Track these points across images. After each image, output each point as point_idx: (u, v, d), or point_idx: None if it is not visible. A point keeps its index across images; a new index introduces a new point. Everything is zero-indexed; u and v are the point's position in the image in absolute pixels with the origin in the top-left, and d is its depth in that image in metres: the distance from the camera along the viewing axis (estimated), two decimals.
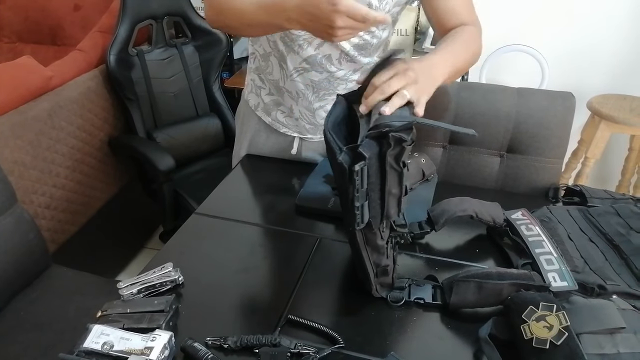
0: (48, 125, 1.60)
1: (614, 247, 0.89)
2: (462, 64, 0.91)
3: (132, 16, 1.89)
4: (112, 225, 1.98)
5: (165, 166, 1.76)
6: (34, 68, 1.62)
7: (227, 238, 1.00)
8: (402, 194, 0.71)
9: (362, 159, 0.65)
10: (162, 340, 0.70)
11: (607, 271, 0.83)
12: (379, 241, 0.75)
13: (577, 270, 0.83)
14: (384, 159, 0.67)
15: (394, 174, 0.69)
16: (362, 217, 0.69)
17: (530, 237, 0.89)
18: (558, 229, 0.93)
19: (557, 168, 1.20)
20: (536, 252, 0.86)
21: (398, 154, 0.67)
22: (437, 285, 0.83)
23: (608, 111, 1.95)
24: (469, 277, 0.78)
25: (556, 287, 0.79)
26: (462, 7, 0.97)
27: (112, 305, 0.79)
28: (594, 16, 2.13)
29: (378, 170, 0.68)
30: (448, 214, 0.94)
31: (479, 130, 1.20)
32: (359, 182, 0.66)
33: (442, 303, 0.80)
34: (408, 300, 0.81)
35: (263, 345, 0.72)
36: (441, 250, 0.96)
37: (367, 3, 0.97)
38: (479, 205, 0.95)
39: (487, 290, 0.76)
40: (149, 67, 1.97)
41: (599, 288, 0.79)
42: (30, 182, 1.54)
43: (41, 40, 2.28)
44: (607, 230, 0.92)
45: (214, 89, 2.16)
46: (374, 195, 0.69)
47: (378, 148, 0.66)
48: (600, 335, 0.67)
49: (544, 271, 0.82)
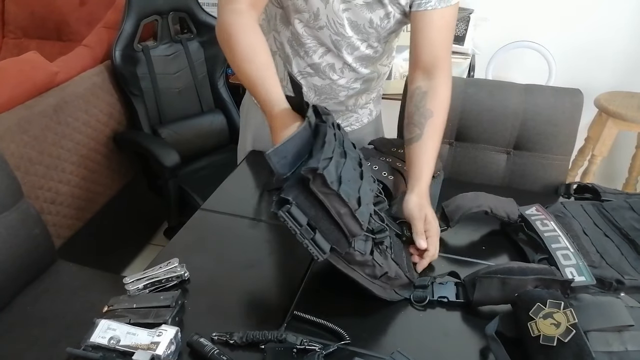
0: (54, 120, 1.61)
1: (630, 241, 0.88)
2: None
3: (138, 12, 1.89)
4: (117, 221, 1.99)
5: (170, 162, 1.76)
6: (40, 64, 1.62)
7: (232, 234, 1.00)
8: (354, 209, 0.70)
9: (285, 203, 0.67)
10: (168, 336, 0.70)
11: (624, 265, 0.83)
12: (358, 258, 0.74)
13: (594, 265, 0.82)
14: (312, 192, 0.68)
15: (331, 197, 0.69)
16: (317, 250, 0.70)
17: (546, 233, 0.89)
18: (573, 224, 0.93)
19: (565, 165, 1.19)
20: (552, 247, 0.85)
21: (323, 181, 0.68)
22: (459, 282, 0.82)
23: (615, 108, 1.93)
24: (492, 273, 0.77)
25: (575, 282, 0.78)
26: (441, 44, 0.99)
27: (118, 300, 0.80)
28: (602, 13, 2.11)
29: (314, 203, 0.69)
30: (463, 210, 0.93)
31: (486, 127, 1.20)
32: (292, 224, 0.67)
33: (465, 301, 0.79)
34: (432, 300, 0.80)
35: (269, 341, 0.72)
36: (456, 247, 0.95)
37: (369, 20, 0.99)
38: (494, 201, 0.95)
39: (511, 286, 0.75)
40: (154, 63, 1.96)
41: (617, 282, 0.79)
42: (36, 177, 1.55)
43: (47, 36, 2.28)
44: (622, 224, 0.92)
45: (219, 85, 2.15)
46: (324, 225, 0.70)
47: (301, 185, 0.68)
48: (608, 333, 0.66)
49: (561, 266, 0.81)
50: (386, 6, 0.98)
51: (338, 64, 1.07)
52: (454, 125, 1.23)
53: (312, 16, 0.98)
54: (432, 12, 0.96)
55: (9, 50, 2.32)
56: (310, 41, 1.03)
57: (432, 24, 0.97)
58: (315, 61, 1.06)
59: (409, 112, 0.99)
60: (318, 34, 1.01)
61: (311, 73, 1.09)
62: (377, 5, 0.98)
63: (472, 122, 1.22)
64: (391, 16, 1.00)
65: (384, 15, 0.99)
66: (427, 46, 0.98)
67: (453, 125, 1.23)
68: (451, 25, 1.00)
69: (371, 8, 0.98)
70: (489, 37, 2.23)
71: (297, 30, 1.02)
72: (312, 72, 1.09)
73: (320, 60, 1.06)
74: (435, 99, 0.97)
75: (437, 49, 0.99)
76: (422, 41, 0.98)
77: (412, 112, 0.98)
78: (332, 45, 1.03)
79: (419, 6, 0.96)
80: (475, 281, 0.78)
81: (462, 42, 2.03)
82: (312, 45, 1.04)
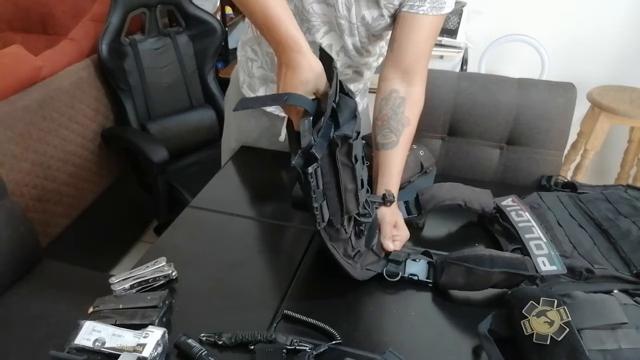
0: (39, 116, 1.57)
1: (603, 231, 0.90)
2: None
3: (125, 4, 1.85)
4: (105, 219, 1.96)
5: (159, 158, 1.74)
6: (24, 57, 1.58)
7: (221, 232, 0.98)
8: (358, 189, 0.74)
9: (314, 161, 0.67)
10: (155, 337, 0.68)
11: (595, 255, 0.84)
12: (342, 236, 0.77)
13: (566, 255, 0.84)
14: (335, 158, 0.70)
15: (347, 170, 0.72)
16: (322, 216, 0.72)
17: (520, 223, 0.90)
18: (547, 215, 0.94)
19: (558, 160, 1.18)
20: (526, 237, 0.87)
21: (347, 151, 0.70)
22: (431, 262, 0.85)
23: (608, 103, 1.93)
24: (461, 259, 0.80)
25: (545, 271, 0.80)
26: (425, 49, 0.99)
27: (104, 301, 0.78)
28: (595, 7, 2.11)
29: (331, 169, 0.71)
30: (436, 200, 0.95)
31: (479, 121, 1.20)
32: (314, 183, 0.68)
33: (434, 282, 0.82)
34: (403, 277, 0.83)
35: (258, 341, 0.70)
36: (431, 238, 0.96)
37: (362, 16, 0.98)
38: (470, 193, 0.96)
39: (476, 276, 0.78)
40: (142, 57, 1.93)
41: (587, 272, 0.81)
42: (21, 174, 1.52)
43: (31, 29, 2.24)
44: (597, 215, 0.94)
45: (208, 80, 2.13)
46: (331, 194, 0.72)
47: (328, 148, 0.69)
48: (601, 331, 0.66)
49: (533, 256, 0.83)
50: (381, 8, 0.97)
51: (336, 46, 1.05)
52: (446, 119, 1.22)
53: None
54: (423, 17, 0.95)
55: None
56: (316, 19, 1.01)
57: (421, 28, 0.96)
58: (315, 40, 1.04)
59: (384, 114, 0.97)
60: (327, 11, 0.99)
61: None
62: (372, 4, 0.97)
63: (465, 116, 1.21)
64: (383, 20, 0.99)
65: (378, 15, 0.99)
66: (412, 49, 0.97)
67: (445, 119, 1.22)
68: (437, 33, 1.00)
69: (368, 5, 0.97)
70: (482, 31, 2.22)
71: (303, 5, 0.99)
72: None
73: (320, 40, 1.04)
74: (412, 107, 0.97)
75: (420, 54, 0.98)
76: (408, 43, 0.97)
77: (389, 116, 0.97)
78: (337, 25, 1.01)
79: (411, 8, 0.95)
80: (444, 265, 0.81)
81: (455, 36, 2.02)
82: (317, 24, 1.01)
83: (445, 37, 2.02)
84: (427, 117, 1.23)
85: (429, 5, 0.94)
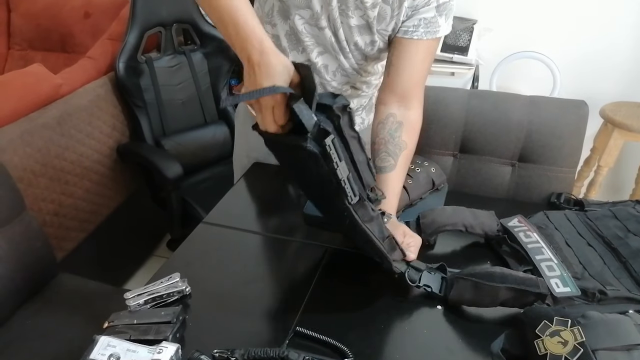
0: (57, 132, 1.61)
1: (612, 250, 0.89)
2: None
3: (141, 23, 1.90)
4: (120, 233, 1.98)
5: (173, 174, 1.76)
6: (44, 76, 1.62)
7: (235, 248, 0.99)
8: (368, 158, 0.74)
9: (327, 134, 0.65)
10: (169, 353, 0.69)
11: (607, 275, 0.83)
12: (372, 213, 0.76)
13: (577, 277, 0.83)
14: (341, 131, 0.68)
15: (354, 141, 0.71)
16: (352, 189, 0.70)
17: (529, 244, 0.89)
18: (555, 235, 0.93)
19: (570, 177, 1.18)
20: (537, 259, 0.86)
21: (350, 120, 0.69)
22: (444, 277, 0.85)
23: (621, 119, 1.92)
24: (472, 275, 0.79)
25: (559, 293, 0.79)
26: (421, 73, 0.99)
27: (118, 316, 0.79)
28: (606, 22, 2.11)
29: (341, 143, 0.69)
30: (437, 225, 0.94)
31: (490, 139, 1.20)
32: (335, 155, 0.67)
33: (444, 297, 0.82)
34: (419, 285, 0.83)
35: (271, 358, 0.71)
36: (438, 256, 0.95)
37: (354, 42, 0.99)
38: (471, 218, 0.95)
39: (483, 291, 0.78)
40: (157, 74, 1.97)
41: (600, 293, 0.79)
42: (39, 189, 1.55)
43: (51, 48, 2.29)
44: (605, 233, 0.92)
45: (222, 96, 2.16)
46: (349, 167, 0.70)
47: (332, 123, 0.68)
48: (616, 352, 0.65)
49: (546, 277, 0.82)
50: (373, 34, 0.98)
51: (332, 66, 1.06)
52: (458, 137, 1.22)
53: (315, 15, 0.97)
54: (418, 42, 0.95)
55: (15, 61, 2.33)
56: (309, 39, 1.02)
57: (416, 52, 0.97)
58: (311, 59, 1.05)
59: (381, 138, 0.98)
60: (319, 33, 1.00)
61: None
62: (365, 31, 0.98)
63: (477, 134, 1.21)
64: (376, 45, 1.00)
65: (370, 41, 1.00)
66: (407, 74, 0.98)
67: (457, 137, 1.22)
68: (433, 56, 1.01)
69: (360, 31, 0.98)
70: (493, 48, 2.23)
71: (296, 26, 1.00)
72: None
73: (316, 60, 1.05)
74: (410, 131, 0.98)
75: (416, 78, 0.99)
76: (404, 68, 0.98)
77: (386, 140, 0.97)
78: (331, 47, 1.02)
79: (405, 33, 0.96)
80: (454, 280, 0.81)
81: (466, 53, 2.03)
82: (310, 44, 1.02)
83: (456, 54, 2.03)
84: (439, 135, 1.23)
85: (422, 30, 0.94)
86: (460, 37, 2.06)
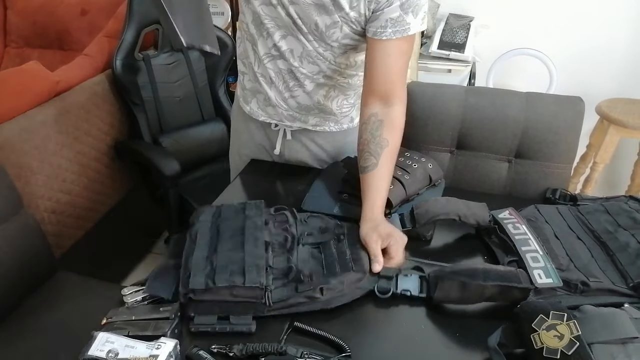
0: (54, 130, 1.61)
1: (601, 243, 0.90)
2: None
3: (139, 21, 1.89)
4: (118, 230, 1.98)
5: (170, 171, 1.76)
6: (41, 73, 1.62)
7: None
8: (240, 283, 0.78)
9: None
10: (167, 348, 0.69)
11: (592, 268, 0.84)
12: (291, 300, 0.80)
13: (562, 268, 0.84)
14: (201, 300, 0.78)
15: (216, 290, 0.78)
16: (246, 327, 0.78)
17: (517, 236, 0.90)
18: (544, 228, 0.94)
19: (566, 173, 1.18)
20: (522, 250, 0.87)
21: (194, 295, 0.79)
22: (423, 276, 0.84)
23: (617, 115, 1.93)
24: (455, 273, 0.80)
25: (541, 284, 0.80)
26: (397, 72, 0.99)
27: (117, 312, 0.79)
28: (602, 19, 2.12)
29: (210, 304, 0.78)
30: (431, 215, 0.95)
31: (487, 135, 1.20)
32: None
33: (427, 296, 0.82)
34: (395, 293, 0.82)
35: (269, 353, 0.71)
36: (429, 250, 0.96)
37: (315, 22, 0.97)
38: (464, 208, 0.96)
39: (470, 290, 0.78)
40: (154, 72, 1.97)
41: (582, 284, 0.80)
42: (36, 187, 1.55)
43: (48, 45, 2.29)
44: (596, 227, 0.93)
45: (219, 94, 2.15)
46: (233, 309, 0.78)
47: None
48: (612, 345, 0.66)
49: (529, 268, 0.82)
50: (334, 16, 0.96)
51: (297, 50, 1.04)
52: (454, 133, 1.23)
53: None
54: (388, 42, 0.95)
55: (11, 59, 2.32)
56: (269, 22, 1.01)
57: (387, 53, 0.97)
58: (275, 43, 1.04)
59: (364, 139, 0.99)
60: (275, 14, 0.99)
61: (276, 55, 1.06)
62: (323, 11, 0.96)
63: (473, 130, 1.22)
64: (340, 30, 0.98)
65: (331, 23, 0.98)
66: (383, 74, 0.98)
67: (454, 133, 1.23)
68: (408, 53, 1.01)
69: (319, 11, 0.96)
70: (489, 44, 2.24)
71: (256, 9, 1.00)
72: (277, 54, 1.06)
73: (280, 44, 1.04)
74: (391, 128, 0.98)
75: (392, 77, 0.99)
76: (379, 69, 0.98)
77: (368, 140, 0.98)
78: (290, 27, 1.00)
79: (375, 34, 0.96)
80: (437, 280, 0.81)
81: (463, 50, 2.03)
82: (271, 27, 1.02)
83: (453, 51, 2.04)
84: (436, 131, 1.24)
85: (391, 30, 0.94)
86: (457, 34, 2.06)
